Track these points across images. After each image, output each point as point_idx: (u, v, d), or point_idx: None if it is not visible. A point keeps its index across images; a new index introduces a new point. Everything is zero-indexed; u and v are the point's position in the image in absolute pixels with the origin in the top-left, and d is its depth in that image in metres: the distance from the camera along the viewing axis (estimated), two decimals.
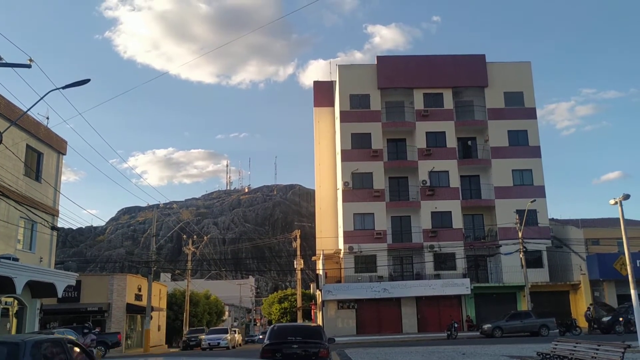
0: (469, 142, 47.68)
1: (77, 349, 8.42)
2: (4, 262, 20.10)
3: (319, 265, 46.70)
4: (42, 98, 18.36)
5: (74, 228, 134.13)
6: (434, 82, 46.89)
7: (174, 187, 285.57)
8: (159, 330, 47.59)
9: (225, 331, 42.25)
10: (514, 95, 47.10)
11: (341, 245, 44.30)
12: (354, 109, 46.31)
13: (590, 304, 38.16)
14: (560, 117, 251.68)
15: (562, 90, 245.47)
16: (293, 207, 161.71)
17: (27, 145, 26.19)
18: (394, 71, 47.21)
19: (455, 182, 45.12)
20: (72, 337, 19.16)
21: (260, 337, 61.52)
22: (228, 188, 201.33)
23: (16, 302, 24.87)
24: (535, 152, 45.92)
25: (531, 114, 46.90)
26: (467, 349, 23.65)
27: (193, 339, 43.08)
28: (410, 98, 47.12)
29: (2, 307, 23.79)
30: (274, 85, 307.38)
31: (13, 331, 24.28)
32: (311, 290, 64.90)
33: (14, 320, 25.10)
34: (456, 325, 35.11)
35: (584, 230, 44.02)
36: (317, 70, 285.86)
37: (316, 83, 54.70)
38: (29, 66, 16.56)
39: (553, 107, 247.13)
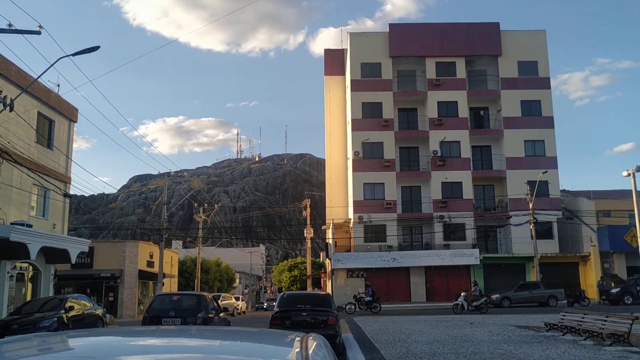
0: (481, 112, 47.22)
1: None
2: (18, 228, 20.38)
3: (329, 235, 46.96)
4: (52, 65, 18.34)
5: (86, 195, 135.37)
6: (447, 51, 46.23)
7: (185, 156, 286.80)
8: None
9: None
10: (528, 65, 46.37)
11: (351, 215, 44.44)
12: (365, 78, 45.88)
13: (602, 276, 38.21)
14: (573, 87, 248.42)
15: (576, 60, 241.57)
16: (303, 176, 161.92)
17: (39, 113, 26.26)
18: (406, 39, 46.54)
19: (466, 152, 44.85)
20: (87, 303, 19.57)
21: (265, 305, 62.32)
22: (239, 157, 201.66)
23: (31, 267, 25.32)
24: (548, 123, 45.42)
25: (545, 83, 46.25)
26: (475, 319, 23.86)
27: None
28: (422, 67, 46.56)
29: (17, 272, 24.23)
30: (284, 54, 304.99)
31: (28, 296, 24.77)
32: (321, 259, 65.43)
33: (29, 285, 25.60)
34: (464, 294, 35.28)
35: (595, 201, 43.81)
36: (328, 39, 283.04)
37: (327, 51, 54.09)
38: (38, 33, 16.50)
39: (567, 77, 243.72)
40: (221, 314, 17.38)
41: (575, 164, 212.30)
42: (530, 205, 38.26)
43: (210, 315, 15.69)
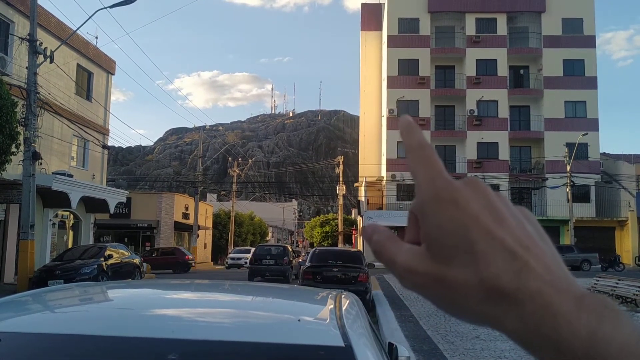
0: (521, 71, 45.87)
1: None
2: (60, 177, 21.03)
3: (361, 192, 47.07)
4: (90, 17, 18.49)
5: (124, 147, 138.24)
6: (488, 6, 44.72)
7: (219, 110, 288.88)
8: (205, 247, 49.52)
9: (248, 251, 43.68)
10: (573, 22, 44.58)
11: (384, 173, 44.34)
12: (402, 34, 44.91)
13: None
14: (617, 46, 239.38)
15: (621, 18, 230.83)
16: (337, 132, 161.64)
17: (78, 65, 26.65)
18: None
19: (504, 112, 43.91)
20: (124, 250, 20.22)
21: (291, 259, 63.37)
22: (273, 112, 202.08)
23: (72, 216, 26.23)
24: (591, 83, 43.94)
25: (590, 42, 44.50)
26: None
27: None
28: (462, 23, 45.25)
29: (59, 220, 25.15)
30: (319, 9, 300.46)
31: (69, 243, 25.73)
32: (352, 216, 65.83)
33: (71, 233, 26.58)
34: None
35: (636, 165, 42.61)
36: None
37: (364, 5, 52.98)
38: None
39: (610, 36, 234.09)
40: (294, 259, 24.83)
41: (616, 127, 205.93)
42: (568, 168, 37.50)
43: (291, 259, 23.27)
